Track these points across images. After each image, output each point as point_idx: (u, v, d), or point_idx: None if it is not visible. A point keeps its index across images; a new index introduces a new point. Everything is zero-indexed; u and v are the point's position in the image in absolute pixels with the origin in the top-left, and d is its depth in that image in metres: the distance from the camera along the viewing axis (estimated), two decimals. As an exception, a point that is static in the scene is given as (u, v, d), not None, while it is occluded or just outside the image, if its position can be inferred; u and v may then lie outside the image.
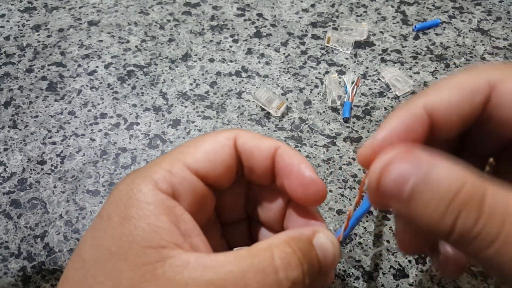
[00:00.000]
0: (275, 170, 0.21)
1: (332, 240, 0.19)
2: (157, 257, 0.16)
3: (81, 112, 0.41)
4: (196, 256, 0.17)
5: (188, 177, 0.19)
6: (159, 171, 0.19)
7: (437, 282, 0.30)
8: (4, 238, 0.33)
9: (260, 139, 0.21)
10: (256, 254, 0.17)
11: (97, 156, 0.38)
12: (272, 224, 0.23)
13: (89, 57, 0.47)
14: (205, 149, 0.20)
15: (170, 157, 0.20)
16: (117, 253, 0.17)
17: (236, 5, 0.53)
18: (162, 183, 0.18)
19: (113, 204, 0.18)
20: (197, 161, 0.19)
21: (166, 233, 0.17)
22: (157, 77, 0.45)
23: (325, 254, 0.18)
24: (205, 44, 0.48)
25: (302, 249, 0.18)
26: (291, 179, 0.20)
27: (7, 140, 0.39)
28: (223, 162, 0.20)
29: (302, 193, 0.20)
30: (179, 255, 0.17)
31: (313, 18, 0.52)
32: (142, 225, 0.17)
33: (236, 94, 0.43)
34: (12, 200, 0.35)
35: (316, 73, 0.45)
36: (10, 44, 0.48)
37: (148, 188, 0.18)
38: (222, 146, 0.20)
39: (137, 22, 0.51)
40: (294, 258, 0.17)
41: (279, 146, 0.21)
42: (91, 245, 0.18)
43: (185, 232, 0.18)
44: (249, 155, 0.21)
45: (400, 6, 0.53)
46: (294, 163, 0.20)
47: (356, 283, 0.30)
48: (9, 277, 0.31)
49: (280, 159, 0.21)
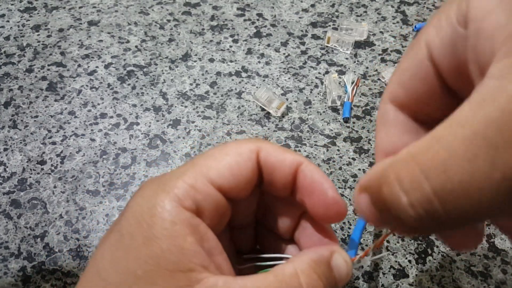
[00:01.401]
0: (296, 185, 0.21)
1: (347, 261, 0.20)
2: (186, 282, 0.16)
3: (81, 112, 0.41)
4: (224, 280, 0.17)
5: (212, 193, 0.18)
6: (182, 186, 0.18)
7: (437, 282, 0.30)
8: (4, 238, 0.33)
9: (283, 153, 0.20)
10: (283, 281, 0.17)
11: (97, 156, 0.38)
12: (281, 233, 0.23)
13: (89, 57, 0.47)
14: (229, 163, 0.19)
15: (192, 170, 0.19)
16: (143, 278, 0.16)
17: (236, 5, 0.53)
18: (186, 199, 0.18)
19: (134, 221, 0.17)
20: (220, 176, 0.19)
21: (193, 254, 0.17)
22: (157, 77, 0.45)
23: (341, 275, 0.19)
24: (205, 44, 0.48)
25: (325, 275, 0.18)
26: (313, 198, 0.20)
27: (7, 140, 0.39)
28: (246, 177, 0.19)
29: (324, 212, 0.20)
30: (207, 279, 0.16)
31: (313, 18, 0.52)
32: (169, 246, 0.16)
33: (236, 94, 0.43)
34: (12, 200, 0.35)
35: (316, 73, 0.45)
36: (10, 44, 0.48)
37: (172, 205, 0.17)
38: (245, 160, 0.19)
39: (137, 22, 0.51)
40: (320, 285, 0.18)
41: (302, 162, 0.20)
42: (112, 265, 0.17)
43: (209, 252, 0.17)
44: (271, 169, 0.20)
45: (400, 6, 0.53)
46: (317, 181, 0.20)
47: (356, 283, 0.30)
48: (9, 277, 0.31)
49: (302, 176, 0.20)
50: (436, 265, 0.31)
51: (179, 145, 0.39)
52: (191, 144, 0.39)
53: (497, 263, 0.31)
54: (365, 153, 0.38)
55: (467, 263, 0.31)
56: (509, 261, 0.31)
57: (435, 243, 0.32)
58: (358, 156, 0.38)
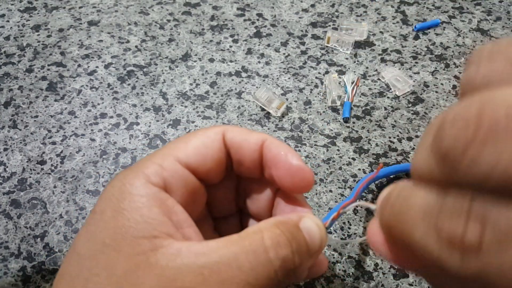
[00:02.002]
0: (263, 161, 0.22)
1: (317, 224, 0.20)
2: (150, 247, 0.17)
3: (81, 112, 0.41)
4: (188, 244, 0.17)
5: (179, 171, 0.20)
6: (151, 165, 0.19)
7: (437, 282, 0.30)
8: (4, 238, 0.33)
9: (248, 133, 0.21)
10: (246, 237, 0.18)
11: (97, 156, 0.38)
12: (262, 216, 0.24)
13: (89, 57, 0.47)
14: (195, 144, 0.21)
15: (161, 152, 0.20)
16: (111, 245, 0.17)
17: (236, 5, 0.53)
18: (154, 177, 0.19)
19: (106, 199, 0.18)
20: (187, 155, 0.20)
21: (158, 223, 0.18)
22: (157, 77, 0.45)
23: (312, 236, 0.19)
24: (205, 44, 0.48)
25: (290, 232, 0.18)
26: (279, 169, 0.21)
27: (7, 140, 0.39)
28: (213, 156, 0.21)
29: (291, 181, 0.21)
30: (171, 244, 0.17)
31: (313, 18, 0.52)
32: (135, 216, 0.17)
33: (236, 94, 0.43)
34: (12, 200, 0.35)
35: (316, 73, 0.45)
36: (10, 44, 0.48)
37: (140, 182, 0.18)
38: (211, 140, 0.21)
39: (137, 22, 0.51)
40: (283, 238, 0.18)
41: (266, 139, 0.21)
42: (85, 239, 0.18)
43: (177, 224, 0.18)
44: (237, 148, 0.21)
45: (400, 6, 0.53)
46: (281, 153, 0.21)
47: (356, 283, 0.30)
48: (9, 277, 0.31)
49: (267, 151, 0.21)
50: (436, 265, 0.31)
51: (179, 145, 0.39)
52: (191, 144, 0.39)
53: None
54: (365, 153, 0.38)
55: (467, 263, 0.31)
56: (509, 261, 0.31)
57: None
58: (358, 156, 0.38)
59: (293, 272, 0.18)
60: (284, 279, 0.18)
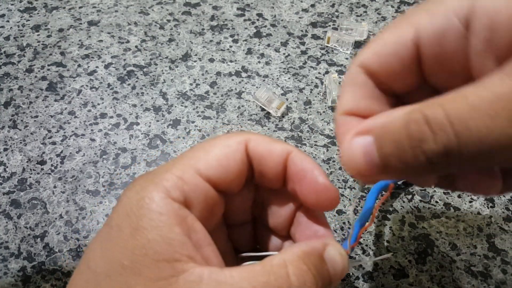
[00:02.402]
0: (287, 175, 0.21)
1: (341, 253, 0.19)
2: (171, 272, 0.16)
3: (81, 112, 0.41)
4: (210, 271, 0.17)
5: (200, 185, 0.19)
6: (171, 178, 0.18)
7: (437, 282, 0.30)
8: (4, 238, 0.33)
9: (272, 143, 0.20)
10: (271, 271, 0.17)
11: (97, 156, 0.38)
12: (278, 229, 0.23)
13: (89, 57, 0.47)
14: (217, 155, 0.19)
15: (181, 162, 0.19)
16: (130, 267, 0.16)
17: (236, 5, 0.53)
18: (174, 191, 0.18)
19: (123, 214, 0.17)
20: (209, 167, 0.19)
21: (179, 245, 0.17)
22: (157, 77, 0.45)
23: (335, 268, 0.19)
24: (205, 44, 0.48)
25: (316, 266, 0.18)
26: (304, 185, 0.20)
27: (7, 140, 0.39)
28: (235, 168, 0.20)
29: (315, 198, 0.20)
30: (192, 269, 0.16)
31: (313, 18, 0.52)
32: (155, 237, 0.17)
33: (236, 94, 0.43)
34: (12, 200, 0.35)
35: (316, 73, 0.45)
36: (10, 44, 0.48)
37: (159, 196, 0.17)
38: (233, 151, 0.20)
39: (137, 22, 0.51)
40: (309, 276, 0.17)
41: (291, 151, 0.20)
42: (101, 256, 0.17)
43: (197, 243, 0.17)
44: (260, 159, 0.20)
45: (400, 6, 0.53)
46: (307, 168, 0.20)
47: (356, 283, 0.30)
48: (9, 277, 0.31)
49: (292, 164, 0.20)
50: (436, 265, 0.31)
51: (179, 145, 0.39)
52: (191, 144, 0.39)
53: (497, 263, 0.31)
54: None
55: (467, 263, 0.31)
56: (509, 261, 0.31)
57: (435, 243, 0.32)
58: (358, 156, 0.38)
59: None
60: None
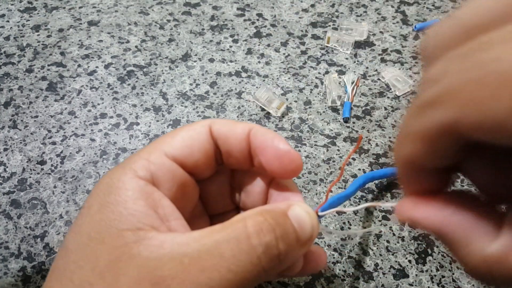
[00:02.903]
0: (251, 150, 0.22)
1: (308, 211, 0.19)
2: (133, 239, 0.17)
3: (81, 112, 0.41)
4: (172, 236, 0.17)
5: (166, 163, 0.20)
6: (138, 160, 0.19)
7: (437, 282, 0.30)
8: (4, 238, 0.33)
9: (234, 123, 0.22)
10: (229, 226, 0.18)
11: (97, 156, 0.38)
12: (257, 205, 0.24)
13: (89, 57, 0.47)
14: (182, 137, 0.21)
15: (148, 147, 0.20)
16: (96, 238, 0.17)
17: (236, 5, 0.53)
18: (141, 170, 0.19)
19: (94, 195, 0.19)
20: (174, 148, 0.20)
21: (143, 216, 0.18)
22: (157, 77, 0.45)
23: (301, 224, 0.19)
24: (205, 44, 0.48)
25: (274, 218, 0.18)
26: (267, 154, 0.21)
27: (7, 140, 0.39)
28: (199, 147, 0.21)
29: (279, 165, 0.21)
30: (155, 236, 0.17)
31: (313, 18, 0.52)
32: (120, 209, 0.18)
33: (236, 94, 0.43)
34: (12, 200, 0.35)
35: (316, 73, 0.45)
36: (10, 44, 0.48)
37: (127, 176, 0.19)
38: (198, 132, 0.21)
39: (137, 22, 0.51)
40: (265, 224, 0.18)
41: (252, 127, 0.22)
42: (72, 233, 0.18)
43: (164, 216, 0.18)
44: (225, 140, 0.21)
45: (400, 6, 0.53)
46: (268, 139, 0.21)
47: (356, 283, 0.30)
48: (9, 277, 0.31)
49: (254, 139, 0.21)
50: (436, 265, 0.31)
51: (179, 145, 0.39)
52: (191, 144, 0.39)
53: (497, 263, 0.31)
54: (365, 153, 0.38)
55: (467, 263, 0.31)
56: (509, 261, 0.31)
57: (435, 243, 0.32)
58: (358, 156, 0.38)
59: (279, 260, 0.18)
60: (270, 267, 0.17)
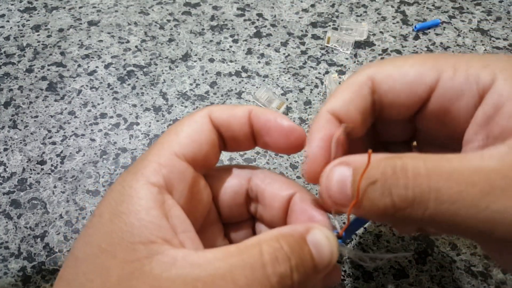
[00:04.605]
0: (254, 132, 0.22)
1: (328, 237, 0.18)
2: (145, 254, 0.16)
3: (81, 112, 0.41)
4: (184, 253, 0.17)
5: (177, 165, 0.19)
6: (148, 164, 0.19)
7: (437, 282, 0.30)
8: (4, 238, 0.33)
9: (232, 108, 0.22)
10: (244, 250, 0.17)
11: (97, 156, 0.38)
12: (275, 224, 0.23)
13: (89, 57, 0.47)
14: (187, 132, 0.20)
15: (156, 149, 0.20)
16: (107, 250, 0.17)
17: (236, 5, 0.53)
18: (153, 176, 0.18)
19: (105, 203, 0.18)
20: (182, 145, 0.20)
21: (155, 228, 0.17)
22: (157, 77, 0.45)
23: (320, 251, 0.18)
24: (205, 44, 0.48)
25: (290, 245, 0.17)
26: (272, 133, 0.21)
27: (7, 140, 0.39)
28: (207, 140, 0.21)
29: (285, 142, 0.21)
30: (167, 252, 0.17)
31: (313, 18, 0.52)
32: (132, 220, 0.17)
33: (236, 94, 0.43)
34: (12, 200, 0.35)
35: (316, 73, 0.45)
36: (10, 44, 0.48)
37: (139, 183, 0.18)
38: (201, 124, 0.21)
39: (137, 22, 0.51)
40: (281, 252, 0.17)
41: (252, 109, 0.22)
42: (82, 242, 0.18)
43: (174, 227, 0.18)
44: (227, 126, 0.21)
45: (400, 6, 0.53)
46: (270, 118, 0.21)
47: (356, 283, 0.30)
48: (9, 277, 0.31)
49: (256, 120, 0.21)
50: (436, 265, 0.31)
51: (179, 145, 0.39)
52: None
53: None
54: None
55: (467, 263, 0.31)
56: (509, 261, 0.31)
57: (435, 243, 0.32)
58: (358, 156, 0.38)
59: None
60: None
